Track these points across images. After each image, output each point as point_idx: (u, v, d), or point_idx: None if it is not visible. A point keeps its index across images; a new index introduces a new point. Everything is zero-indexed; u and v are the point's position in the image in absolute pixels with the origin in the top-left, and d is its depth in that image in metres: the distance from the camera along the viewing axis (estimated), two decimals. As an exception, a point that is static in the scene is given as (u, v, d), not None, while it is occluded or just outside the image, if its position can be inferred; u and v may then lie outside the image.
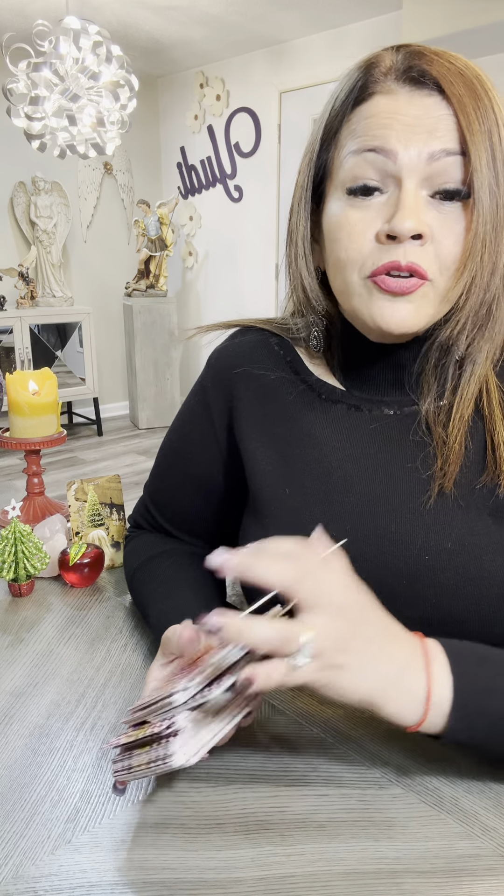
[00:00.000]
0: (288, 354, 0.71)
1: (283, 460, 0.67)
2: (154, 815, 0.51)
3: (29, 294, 4.29)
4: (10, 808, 0.52)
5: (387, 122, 0.55)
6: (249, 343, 0.74)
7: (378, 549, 0.61)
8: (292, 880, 0.45)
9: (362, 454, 0.64)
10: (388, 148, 0.54)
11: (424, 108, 0.54)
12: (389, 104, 0.55)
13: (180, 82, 4.71)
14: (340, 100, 0.58)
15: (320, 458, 0.66)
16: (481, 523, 0.59)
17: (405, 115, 0.54)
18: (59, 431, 1.06)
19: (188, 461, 0.77)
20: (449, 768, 0.55)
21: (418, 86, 0.55)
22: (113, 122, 2.84)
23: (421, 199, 0.55)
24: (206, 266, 4.89)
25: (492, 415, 0.61)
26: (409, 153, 0.54)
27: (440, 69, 0.54)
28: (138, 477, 3.70)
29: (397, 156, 0.54)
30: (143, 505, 0.84)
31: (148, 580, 0.75)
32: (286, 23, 3.63)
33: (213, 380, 0.74)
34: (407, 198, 0.54)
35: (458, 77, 0.54)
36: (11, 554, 0.83)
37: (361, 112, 0.57)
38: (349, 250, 0.57)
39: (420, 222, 0.54)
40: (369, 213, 0.56)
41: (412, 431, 0.63)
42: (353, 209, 0.57)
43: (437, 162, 0.54)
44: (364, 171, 0.56)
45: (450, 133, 0.54)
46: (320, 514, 0.64)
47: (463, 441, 0.60)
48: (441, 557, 0.59)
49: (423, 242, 0.55)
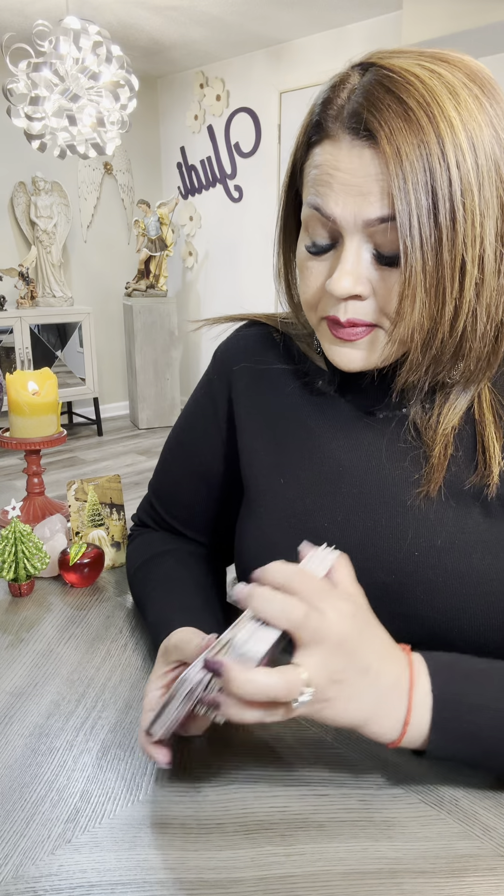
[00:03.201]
0: (290, 348, 0.72)
1: (279, 451, 0.68)
2: (154, 815, 0.51)
3: (29, 294, 4.29)
4: (10, 808, 0.52)
5: (326, 179, 0.53)
6: (254, 336, 0.75)
7: (368, 541, 0.62)
8: (292, 880, 0.45)
9: (356, 445, 0.65)
10: (327, 211, 0.54)
11: (362, 163, 0.51)
12: (332, 155, 0.53)
13: (180, 82, 4.71)
14: (302, 134, 0.57)
15: (314, 449, 0.66)
16: (471, 521, 0.60)
17: (343, 172, 0.52)
18: (59, 431, 1.06)
19: (192, 453, 0.78)
20: (449, 768, 0.55)
21: (359, 135, 0.51)
22: (113, 122, 2.84)
23: (363, 258, 0.54)
24: (206, 266, 4.89)
25: (482, 418, 0.61)
26: (345, 216, 0.53)
27: (384, 117, 0.49)
28: (138, 477, 3.70)
29: (336, 219, 0.53)
30: (147, 501, 0.85)
31: (148, 579, 0.75)
32: (286, 23, 3.63)
33: (217, 372, 0.76)
34: (346, 259, 0.54)
35: (402, 122, 0.49)
36: (11, 554, 0.83)
37: (313, 157, 0.55)
38: (306, 293, 0.60)
39: (357, 282, 0.54)
40: (321, 265, 0.57)
41: (401, 437, 0.63)
42: (309, 259, 0.58)
43: (373, 227, 0.52)
44: (315, 228, 0.56)
45: (385, 197, 0.50)
46: (312, 505, 0.65)
47: (446, 454, 0.60)
48: (430, 554, 0.60)
49: (363, 300, 0.55)
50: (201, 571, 0.75)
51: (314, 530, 0.63)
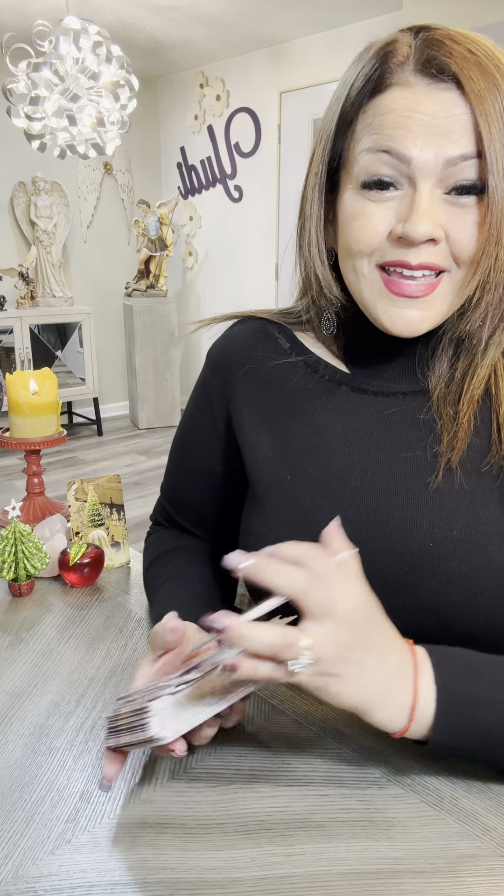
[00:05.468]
0: (288, 341, 0.71)
1: (285, 446, 0.67)
2: (154, 815, 0.51)
3: (29, 294, 4.29)
4: (10, 808, 0.52)
5: (403, 122, 0.54)
6: (247, 332, 0.74)
7: (382, 534, 0.61)
8: (292, 880, 0.45)
9: (365, 439, 0.64)
10: (402, 152, 0.54)
11: (442, 105, 0.53)
12: (406, 99, 0.54)
13: (180, 82, 4.70)
14: (357, 88, 0.57)
15: (322, 444, 0.65)
16: (487, 512, 0.59)
17: (422, 113, 0.53)
18: (59, 431, 1.06)
19: (193, 455, 0.78)
20: (449, 768, 0.55)
21: (436, 79, 0.53)
22: (113, 122, 2.84)
23: (436, 200, 0.55)
24: (206, 266, 4.89)
25: (499, 395, 0.61)
26: (424, 157, 0.53)
27: (460, 63, 0.53)
28: (138, 477, 3.70)
29: (412, 160, 0.54)
30: (160, 502, 0.86)
31: (157, 574, 0.76)
32: (286, 23, 3.63)
33: (212, 371, 0.75)
34: (422, 201, 0.54)
35: (476, 69, 0.52)
36: (11, 554, 0.83)
37: (377, 105, 0.55)
38: (359, 243, 0.58)
39: (434, 226, 0.54)
40: (384, 208, 0.56)
41: (423, 411, 0.63)
42: (368, 202, 0.57)
43: (454, 166, 0.53)
44: (379, 168, 0.55)
45: (467, 136, 0.53)
46: (321, 500, 0.64)
47: (472, 419, 0.60)
48: (446, 545, 0.59)
49: (436, 244, 0.55)
50: (208, 568, 0.76)
51: (322, 526, 0.63)
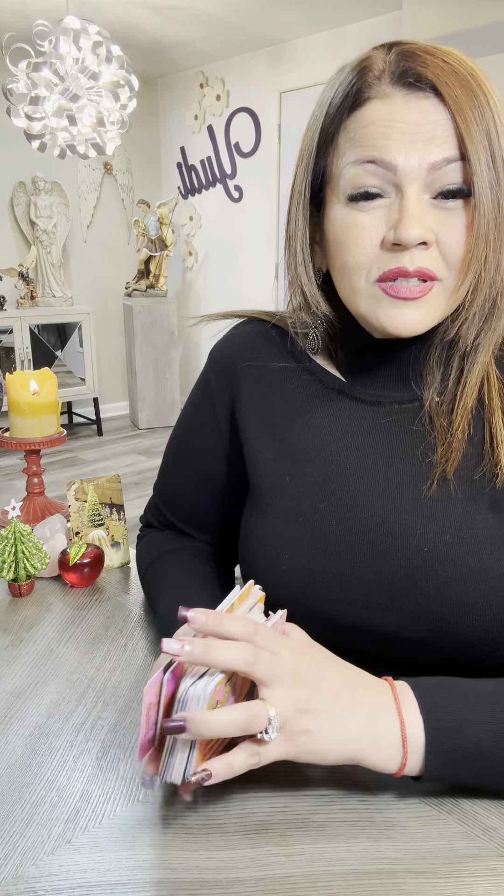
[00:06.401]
0: (290, 345, 0.72)
1: (284, 449, 0.68)
2: (154, 815, 0.51)
3: (29, 294, 4.29)
4: (10, 808, 0.52)
5: (385, 132, 0.54)
6: (251, 333, 0.74)
7: (377, 538, 0.62)
8: (292, 880, 0.45)
9: (363, 444, 0.65)
10: (388, 160, 0.54)
11: (422, 112, 0.54)
12: (386, 110, 0.55)
13: (180, 82, 4.71)
14: (335, 104, 0.58)
15: (320, 447, 0.66)
16: (480, 517, 0.60)
17: (403, 122, 0.54)
18: (59, 431, 1.06)
19: (193, 455, 0.78)
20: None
21: (414, 89, 0.54)
22: (113, 122, 2.84)
23: (424, 204, 0.55)
24: (206, 266, 4.89)
25: (491, 404, 0.62)
26: (409, 163, 0.54)
27: (436, 70, 0.54)
28: (138, 477, 3.70)
29: (398, 167, 0.54)
30: (153, 503, 0.86)
31: (157, 576, 0.76)
32: (286, 23, 3.63)
33: (215, 372, 0.75)
34: (410, 205, 0.54)
35: (453, 77, 0.54)
36: (11, 554, 0.83)
37: (358, 119, 0.56)
38: (356, 255, 0.58)
39: (425, 229, 0.54)
40: (374, 218, 0.57)
41: (416, 422, 0.63)
42: (357, 213, 0.57)
43: (439, 170, 0.54)
44: (365, 179, 0.56)
45: (448, 140, 0.54)
46: (320, 503, 0.64)
47: (466, 429, 0.61)
48: (440, 549, 0.60)
49: (427, 247, 0.56)
50: (207, 568, 0.76)
51: (320, 528, 0.63)
